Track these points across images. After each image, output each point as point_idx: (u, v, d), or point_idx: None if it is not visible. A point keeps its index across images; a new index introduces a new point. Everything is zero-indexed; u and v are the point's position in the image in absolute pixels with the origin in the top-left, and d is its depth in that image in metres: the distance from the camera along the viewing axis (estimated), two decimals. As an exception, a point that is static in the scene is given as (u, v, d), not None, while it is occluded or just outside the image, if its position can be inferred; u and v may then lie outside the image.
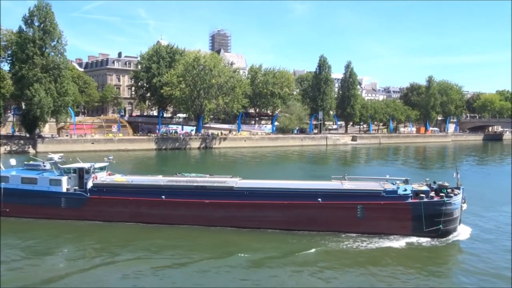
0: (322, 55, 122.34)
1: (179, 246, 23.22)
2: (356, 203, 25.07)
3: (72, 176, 27.90)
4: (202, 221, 26.00)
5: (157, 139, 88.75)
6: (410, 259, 21.72)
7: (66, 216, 27.28)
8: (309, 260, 21.22)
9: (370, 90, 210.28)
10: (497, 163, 76.60)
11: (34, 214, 27.66)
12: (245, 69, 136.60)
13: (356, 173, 53.35)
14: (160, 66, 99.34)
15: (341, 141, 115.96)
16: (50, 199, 27.58)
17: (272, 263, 20.86)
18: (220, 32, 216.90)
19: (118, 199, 26.94)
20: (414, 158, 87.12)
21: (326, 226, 25.09)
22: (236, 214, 25.94)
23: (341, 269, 20.16)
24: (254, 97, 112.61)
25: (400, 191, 25.24)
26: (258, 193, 26.50)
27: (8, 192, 27.89)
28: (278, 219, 25.58)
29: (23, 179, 28.36)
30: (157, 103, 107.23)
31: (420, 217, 24.15)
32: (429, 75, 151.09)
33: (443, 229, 24.35)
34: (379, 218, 24.70)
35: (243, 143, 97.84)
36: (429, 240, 23.93)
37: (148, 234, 25.01)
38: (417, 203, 24.48)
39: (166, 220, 26.30)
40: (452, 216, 24.66)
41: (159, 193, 26.77)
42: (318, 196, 25.51)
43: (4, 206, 27.84)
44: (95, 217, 26.91)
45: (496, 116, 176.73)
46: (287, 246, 23.33)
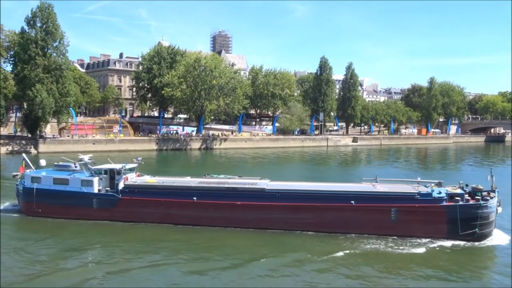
0: (323, 56, 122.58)
1: (211, 248, 23.11)
2: (390, 205, 24.83)
3: (103, 177, 28.16)
4: (234, 222, 25.98)
5: (158, 140, 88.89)
6: (448, 262, 21.50)
7: (98, 217, 27.43)
8: (342, 263, 21.09)
9: (371, 91, 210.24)
10: (505, 164, 76.47)
11: (65, 214, 27.89)
12: (246, 70, 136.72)
13: (357, 175, 53.36)
14: (161, 67, 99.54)
15: (342, 142, 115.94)
16: (82, 200, 27.78)
17: (305, 265, 20.82)
18: (221, 33, 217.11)
19: (150, 200, 27.09)
20: (416, 160, 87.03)
21: (359, 229, 24.89)
22: (268, 216, 25.93)
23: (375, 272, 20.03)
24: (255, 98, 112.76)
25: (434, 194, 24.97)
26: (290, 195, 26.53)
27: (40, 193, 28.16)
28: (310, 221, 25.44)
29: (55, 180, 28.62)
30: (158, 104, 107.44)
31: (456, 220, 23.96)
32: (431, 76, 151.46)
33: (479, 233, 24.08)
34: (414, 221, 24.47)
35: (244, 144, 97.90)
36: (465, 244, 23.71)
37: (179, 235, 25.11)
38: (453, 206, 24.23)
39: (197, 222, 26.29)
40: (488, 219, 24.37)
41: (190, 194, 26.85)
42: (351, 198, 25.36)
43: (37, 207, 28.19)
44: (126, 218, 27.08)
45: (498, 117, 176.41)
46: (320, 248, 23.22)
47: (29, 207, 28.65)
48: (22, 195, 29.25)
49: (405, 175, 56.51)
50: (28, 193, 28.56)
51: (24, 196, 29.03)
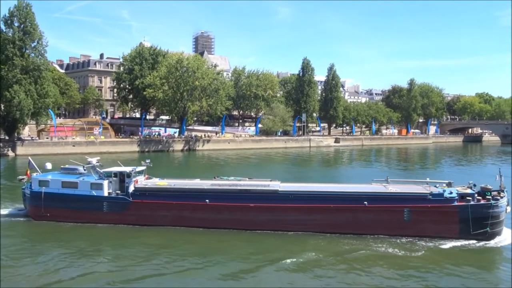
0: (305, 57, 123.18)
1: (225, 251, 23.13)
2: (402, 206, 25.05)
3: (113, 180, 27.82)
4: (247, 225, 25.93)
5: (139, 142, 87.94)
6: (464, 261, 21.90)
7: (108, 221, 27.15)
8: (358, 264, 21.21)
9: (353, 92, 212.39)
10: (483, 163, 78.24)
11: (75, 218, 27.53)
12: (229, 71, 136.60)
13: (340, 175, 53.93)
14: (142, 68, 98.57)
15: (324, 143, 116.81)
16: (91, 203, 27.44)
17: (320, 266, 20.93)
18: (204, 34, 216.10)
19: (161, 203, 26.88)
20: (397, 160, 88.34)
21: (373, 229, 25.08)
22: (281, 217, 25.92)
23: (391, 272, 20.25)
24: (237, 99, 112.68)
25: (446, 194, 25.31)
26: (303, 196, 26.56)
27: (49, 197, 27.74)
28: (324, 222, 25.49)
29: (63, 183, 28.19)
30: (140, 105, 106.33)
31: (467, 220, 24.32)
32: (411, 78, 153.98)
33: (490, 232, 24.53)
34: (426, 221, 24.79)
35: (227, 145, 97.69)
36: (476, 243, 24.11)
37: (194, 237, 25.05)
38: (464, 206, 24.60)
39: (210, 224, 26.16)
40: (499, 219, 24.88)
41: (203, 197, 26.72)
42: (364, 199, 25.53)
43: (45, 211, 27.75)
44: (138, 221, 26.80)
45: (475, 118, 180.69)
46: (335, 249, 23.37)
47: (37, 211, 28.13)
48: (29, 199, 28.69)
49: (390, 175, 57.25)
50: (35, 197, 28.03)
51: (31, 200, 28.47)
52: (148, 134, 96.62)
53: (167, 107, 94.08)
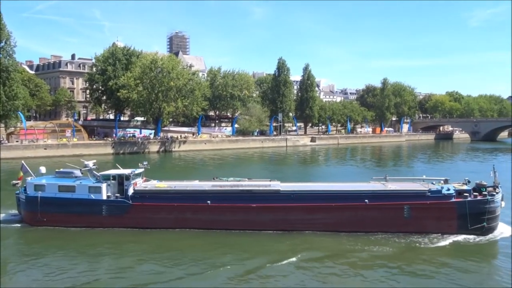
0: (280, 57, 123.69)
1: (230, 251, 23.03)
2: (402, 203, 25.44)
3: (112, 183, 27.39)
4: (249, 225, 25.91)
5: (114, 143, 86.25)
6: (466, 256, 22.42)
7: (108, 224, 26.63)
8: (362, 262, 21.46)
9: (328, 92, 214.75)
10: (454, 159, 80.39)
11: (73, 223, 26.90)
12: (204, 71, 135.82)
13: (319, 174, 54.36)
14: (116, 69, 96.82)
15: (301, 142, 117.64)
16: (90, 207, 26.98)
17: (325, 265, 21.10)
18: (178, 34, 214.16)
19: (163, 205, 26.68)
20: (372, 157, 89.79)
21: (374, 227, 25.39)
22: (284, 217, 26.01)
23: (395, 270, 20.49)
24: (213, 99, 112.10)
25: (444, 191, 25.88)
26: (305, 196, 26.71)
27: (45, 201, 27.10)
28: (326, 221, 25.68)
29: (60, 187, 27.60)
30: (114, 107, 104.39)
31: (465, 215, 24.90)
32: (384, 77, 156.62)
33: (487, 227, 25.20)
34: (426, 218, 25.27)
35: (204, 146, 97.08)
36: (475, 238, 24.77)
37: (196, 239, 24.95)
38: (462, 202, 25.23)
39: (212, 225, 26.06)
40: (495, 213, 25.57)
41: (204, 198, 26.57)
42: (365, 197, 25.78)
43: (41, 216, 27.06)
44: (138, 225, 26.47)
45: (446, 116, 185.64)
46: (338, 247, 23.55)
47: (33, 216, 27.40)
48: (24, 204, 27.95)
49: (368, 173, 58.18)
50: (31, 202, 27.34)
51: (27, 205, 27.77)
52: (122, 136, 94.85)
53: (141, 108, 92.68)
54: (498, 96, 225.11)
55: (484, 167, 64.88)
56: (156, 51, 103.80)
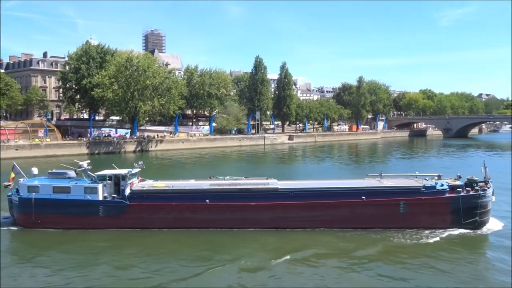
0: (257, 56, 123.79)
1: (230, 250, 23.04)
2: (398, 199, 25.92)
3: (108, 184, 27.00)
4: (249, 223, 25.89)
5: (89, 143, 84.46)
6: (460, 249, 23.07)
7: (105, 225, 26.26)
8: (360, 258, 21.66)
9: (305, 90, 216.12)
10: (427, 155, 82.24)
11: (68, 224, 26.50)
12: (181, 69, 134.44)
13: (295, 171, 54.68)
14: (90, 67, 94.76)
15: (279, 140, 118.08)
16: (86, 208, 26.56)
17: (325, 262, 21.24)
18: (154, 32, 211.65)
19: (161, 205, 26.52)
20: (349, 155, 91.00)
21: (371, 223, 25.76)
22: (283, 215, 26.18)
23: (395, 265, 20.86)
24: (190, 98, 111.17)
25: (438, 187, 26.42)
26: (303, 193, 26.90)
27: (39, 203, 26.55)
28: (324, 218, 25.92)
29: (54, 188, 27.06)
30: (88, 106, 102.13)
31: (459, 210, 25.57)
32: (360, 76, 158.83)
33: (479, 221, 25.89)
34: (421, 213, 25.79)
35: (181, 145, 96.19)
36: (468, 232, 25.42)
37: (195, 239, 24.84)
38: (455, 197, 25.85)
39: (211, 224, 26.02)
40: (486, 208, 26.27)
41: (203, 197, 26.50)
42: (362, 194, 26.18)
43: (36, 218, 26.49)
44: (136, 225, 26.22)
45: (420, 113, 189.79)
46: (338, 244, 23.79)
47: (27, 218, 26.80)
48: (17, 206, 27.34)
49: (344, 170, 58.91)
50: (25, 204, 26.74)
51: (20, 207, 27.18)
52: (97, 136, 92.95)
53: (117, 107, 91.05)
54: (469, 94, 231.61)
55: (456, 163, 66.85)
56: (132, 49, 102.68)
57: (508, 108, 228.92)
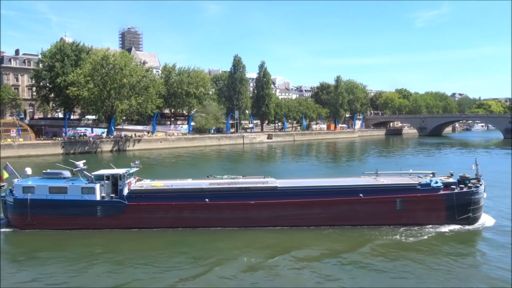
0: (236, 54, 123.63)
1: (230, 249, 23.07)
2: (395, 196, 26.49)
3: (105, 184, 26.77)
4: (248, 222, 26.11)
5: (64, 143, 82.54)
6: (457, 244, 23.79)
7: (104, 226, 26.12)
8: (361, 255, 21.98)
9: (284, 89, 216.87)
10: (404, 153, 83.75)
11: (65, 225, 26.21)
12: (158, 68, 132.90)
13: (276, 171, 54.70)
14: (64, 65, 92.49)
15: (258, 139, 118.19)
16: (83, 209, 26.31)
17: (329, 259, 21.54)
18: (131, 30, 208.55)
19: (160, 204, 26.48)
20: (327, 153, 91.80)
21: (368, 220, 26.27)
22: (282, 213, 26.41)
23: (395, 262, 21.19)
24: (168, 97, 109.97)
25: (433, 184, 26.99)
26: (302, 192, 27.18)
27: (35, 204, 26.22)
28: (323, 216, 26.29)
29: (51, 189, 26.69)
30: (63, 105, 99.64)
31: (453, 207, 26.35)
32: (337, 75, 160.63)
33: (472, 217, 26.72)
34: (416, 210, 26.42)
35: (159, 145, 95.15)
36: (462, 228, 26.15)
37: (195, 238, 24.81)
38: (450, 194, 26.57)
39: (210, 223, 26.16)
40: (479, 204, 27.09)
41: (202, 196, 26.60)
42: (359, 191, 26.57)
43: (32, 219, 26.21)
44: (135, 225, 26.18)
45: (396, 112, 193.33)
46: (338, 242, 24.18)
47: (22, 220, 26.42)
48: (12, 207, 26.86)
49: (323, 168, 59.37)
50: (20, 205, 26.33)
51: (15, 208, 26.71)
52: (73, 135, 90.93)
53: (93, 106, 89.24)
54: (443, 94, 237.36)
55: (431, 160, 68.35)
56: (108, 47, 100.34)
57: (480, 107, 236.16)
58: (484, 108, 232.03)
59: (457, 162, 62.57)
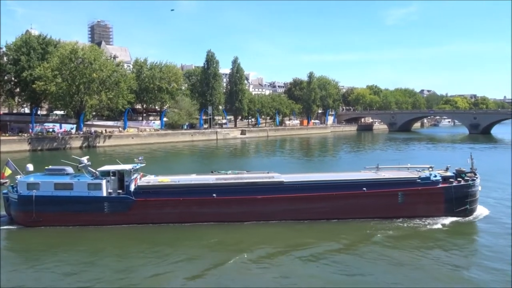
0: (209, 50, 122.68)
1: (237, 244, 23.17)
2: (397, 190, 27.34)
3: (111, 179, 26.52)
4: (255, 216, 26.41)
5: (30, 139, 79.77)
6: (455, 235, 24.86)
7: (111, 222, 25.92)
8: (368, 247, 22.55)
9: (257, 85, 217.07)
10: (373, 148, 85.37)
11: (72, 222, 25.90)
12: (130, 63, 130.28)
13: (248, 165, 54.66)
14: (31, 58, 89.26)
15: (231, 135, 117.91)
16: (90, 205, 26.10)
17: (338, 252, 21.89)
18: (101, 23, 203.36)
19: (167, 200, 26.53)
20: (300, 149, 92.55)
21: (371, 213, 27.00)
22: (289, 207, 26.83)
23: (405, 250, 22.01)
24: (140, 92, 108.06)
25: (432, 177, 27.95)
26: (307, 186, 27.65)
27: (41, 200, 25.74)
28: (328, 209, 26.89)
29: (56, 185, 26.21)
30: (29, 100, 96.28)
31: (451, 199, 27.41)
32: (310, 71, 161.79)
33: (469, 209, 27.93)
34: (417, 203, 27.34)
35: (131, 141, 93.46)
36: (460, 219, 27.28)
37: (203, 232, 24.83)
38: (448, 187, 27.62)
39: (218, 218, 26.32)
40: (475, 197, 28.33)
41: (210, 191, 26.71)
42: (363, 186, 27.39)
43: (37, 216, 25.72)
44: (143, 220, 26.12)
45: (367, 108, 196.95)
46: (344, 235, 24.53)
47: (27, 217, 25.89)
48: (16, 204, 26.33)
49: (295, 164, 59.75)
50: (25, 202, 25.81)
51: (19, 205, 26.21)
52: (40, 131, 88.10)
53: (61, 101, 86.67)
54: (412, 90, 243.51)
55: (400, 155, 69.99)
56: (76, 40, 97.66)
57: (447, 103, 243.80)
58: (450, 104, 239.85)
59: (426, 156, 64.44)
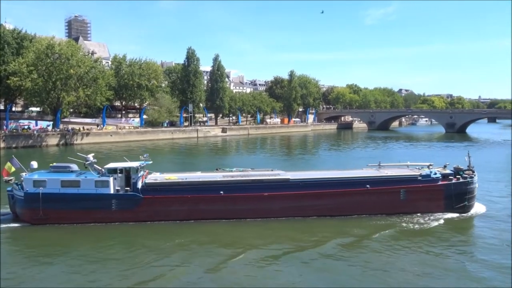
0: (190, 47, 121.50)
1: (245, 241, 23.48)
2: (399, 187, 28.17)
3: (118, 177, 26.57)
4: (262, 213, 26.97)
5: (5, 137, 77.55)
6: (456, 230, 25.90)
7: (119, 219, 26.09)
8: (376, 243, 23.08)
9: (238, 83, 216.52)
10: (352, 147, 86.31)
11: (79, 219, 25.93)
12: (108, 59, 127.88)
13: (231, 164, 54.57)
14: (5, 53, 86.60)
15: (212, 133, 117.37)
16: (98, 202, 26.13)
17: (345, 249, 22.36)
18: (78, 18, 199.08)
19: (175, 197, 26.79)
20: (281, 147, 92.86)
21: (375, 210, 27.80)
22: (294, 204, 27.45)
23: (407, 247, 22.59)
24: (119, 89, 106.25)
25: (432, 175, 28.87)
26: (313, 183, 28.22)
27: (48, 198, 25.64)
28: (333, 206, 27.56)
29: (63, 182, 26.15)
30: (3, 96, 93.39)
31: (451, 196, 28.42)
32: (291, 70, 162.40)
33: (468, 205, 28.99)
34: (419, 199, 28.25)
35: (109, 138, 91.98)
36: (459, 215, 28.23)
37: (211, 229, 25.18)
38: (448, 184, 28.59)
39: (225, 215, 26.64)
40: (473, 193, 29.34)
41: (217, 188, 27.10)
42: (366, 183, 28.12)
43: (44, 213, 25.65)
44: (150, 218, 26.37)
45: (347, 107, 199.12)
46: (349, 231, 25.18)
47: (34, 214, 25.80)
48: (22, 201, 26.14)
49: (276, 162, 59.89)
50: (31, 199, 25.69)
51: (26, 202, 26.04)
52: (15, 128, 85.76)
53: (37, 97, 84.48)
54: (390, 89, 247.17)
55: (378, 153, 71.04)
56: (53, 35, 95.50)
57: (424, 103, 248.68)
58: (428, 104, 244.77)
59: (405, 155, 65.55)
